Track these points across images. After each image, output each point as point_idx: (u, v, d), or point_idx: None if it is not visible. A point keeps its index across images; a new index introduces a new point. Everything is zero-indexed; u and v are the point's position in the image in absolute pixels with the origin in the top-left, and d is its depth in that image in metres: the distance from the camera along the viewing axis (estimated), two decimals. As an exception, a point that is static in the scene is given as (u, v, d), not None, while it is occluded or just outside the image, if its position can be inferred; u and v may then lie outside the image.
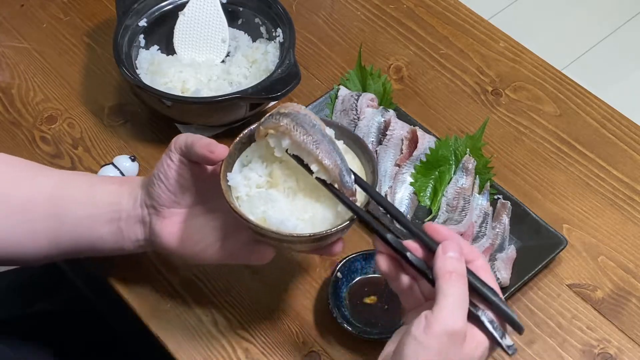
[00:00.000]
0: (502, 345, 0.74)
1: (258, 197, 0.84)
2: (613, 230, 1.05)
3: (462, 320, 0.72)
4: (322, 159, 0.80)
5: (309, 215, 0.84)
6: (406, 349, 0.72)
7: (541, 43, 1.70)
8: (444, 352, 0.71)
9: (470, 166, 1.06)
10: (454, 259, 0.74)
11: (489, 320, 0.74)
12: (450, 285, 0.72)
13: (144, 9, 1.17)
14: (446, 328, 0.71)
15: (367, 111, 1.11)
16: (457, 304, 0.72)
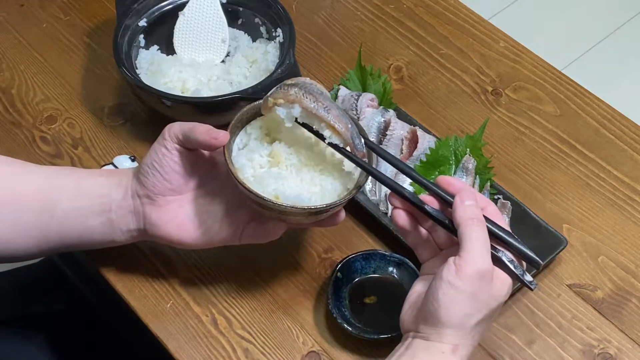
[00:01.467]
0: (524, 280, 0.80)
1: (267, 176, 0.87)
2: (613, 230, 1.05)
3: (489, 261, 0.78)
4: (334, 123, 0.83)
5: (318, 188, 0.87)
6: (440, 293, 0.77)
7: (541, 43, 1.70)
8: (476, 292, 0.77)
9: (471, 166, 1.06)
10: (472, 206, 0.79)
11: (509, 260, 0.79)
12: (473, 230, 0.78)
13: (144, 9, 1.17)
14: (477, 269, 0.76)
15: (367, 111, 1.11)
16: (483, 246, 0.78)
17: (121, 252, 1.02)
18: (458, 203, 0.80)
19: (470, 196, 0.80)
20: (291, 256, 1.02)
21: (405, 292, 0.97)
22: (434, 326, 0.79)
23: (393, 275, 0.98)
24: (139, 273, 1.00)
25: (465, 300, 0.77)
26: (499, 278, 0.79)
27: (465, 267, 0.76)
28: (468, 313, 0.78)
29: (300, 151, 0.88)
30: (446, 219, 0.82)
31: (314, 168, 0.89)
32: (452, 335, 0.78)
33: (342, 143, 0.85)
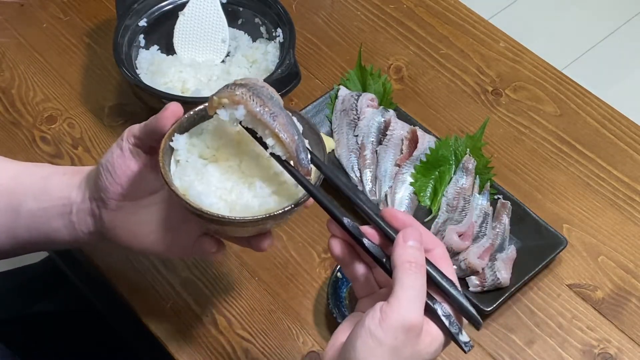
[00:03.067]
0: (459, 341, 0.70)
1: (193, 165, 0.79)
2: (613, 230, 1.05)
3: (419, 314, 0.68)
4: (278, 131, 0.74)
5: (232, 198, 0.78)
6: (359, 343, 0.68)
7: (541, 43, 1.70)
8: (399, 346, 0.67)
9: (471, 166, 1.06)
10: (414, 248, 0.70)
11: (445, 315, 0.70)
12: (408, 276, 0.68)
13: (144, 9, 1.17)
14: (403, 321, 0.67)
15: (367, 111, 1.11)
16: (415, 296, 0.68)
17: (121, 252, 1.02)
18: (399, 242, 0.70)
19: (414, 235, 0.70)
20: (291, 256, 1.02)
21: (405, 292, 0.97)
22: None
23: (393, 275, 0.98)
24: (139, 273, 1.00)
25: (385, 354, 0.67)
26: (430, 334, 0.70)
27: (390, 317, 0.67)
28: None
29: (245, 158, 0.80)
30: (384, 257, 0.72)
31: (244, 179, 0.80)
32: None
33: (286, 155, 0.76)
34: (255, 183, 0.79)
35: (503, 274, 0.97)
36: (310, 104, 1.14)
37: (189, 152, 0.80)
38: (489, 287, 0.97)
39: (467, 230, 1.00)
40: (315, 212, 1.06)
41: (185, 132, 0.82)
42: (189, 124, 0.82)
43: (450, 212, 1.04)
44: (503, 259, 0.99)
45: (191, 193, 0.78)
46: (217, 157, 0.81)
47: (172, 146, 0.80)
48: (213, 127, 0.82)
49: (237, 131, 0.81)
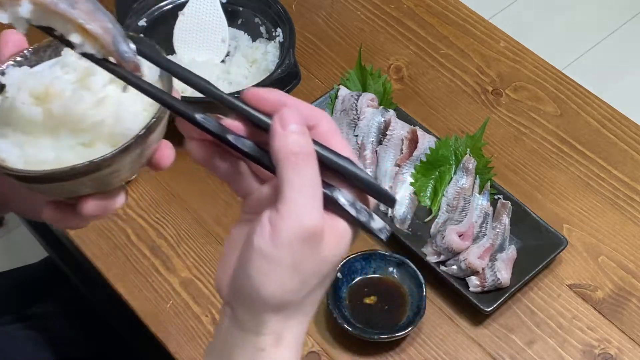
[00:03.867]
0: (371, 229, 0.56)
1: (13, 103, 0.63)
2: (613, 231, 1.05)
3: (318, 214, 0.54)
4: (83, 22, 0.57)
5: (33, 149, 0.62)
6: (252, 268, 0.55)
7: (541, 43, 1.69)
8: (300, 261, 0.54)
9: (471, 166, 1.06)
10: (296, 134, 0.54)
11: (349, 202, 0.56)
12: (296, 172, 0.54)
13: (144, 9, 1.16)
14: (299, 230, 0.53)
15: (367, 111, 1.11)
16: (309, 194, 0.54)
17: (122, 252, 1.02)
18: (277, 130, 0.54)
19: (293, 118, 0.55)
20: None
21: (405, 292, 0.97)
22: (249, 311, 0.57)
23: (393, 275, 0.98)
24: (139, 273, 1.00)
25: (287, 275, 0.55)
26: (335, 232, 0.55)
27: (283, 229, 0.53)
28: (291, 289, 0.56)
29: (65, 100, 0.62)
30: (260, 152, 0.57)
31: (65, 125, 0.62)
32: (273, 322, 0.57)
33: (101, 52, 0.58)
34: (65, 131, 0.62)
35: (503, 274, 0.97)
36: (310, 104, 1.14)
37: (18, 89, 0.64)
38: (489, 287, 0.97)
39: (467, 231, 1.00)
40: (315, 212, 1.06)
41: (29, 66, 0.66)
42: (37, 58, 0.66)
43: (451, 212, 1.03)
44: (503, 259, 0.99)
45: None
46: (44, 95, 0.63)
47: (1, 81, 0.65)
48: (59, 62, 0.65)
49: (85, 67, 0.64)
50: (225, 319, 0.59)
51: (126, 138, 0.59)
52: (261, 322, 0.57)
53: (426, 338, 0.96)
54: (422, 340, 0.96)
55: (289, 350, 0.58)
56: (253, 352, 0.57)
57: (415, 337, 0.96)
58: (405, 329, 0.93)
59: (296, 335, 0.58)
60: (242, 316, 0.57)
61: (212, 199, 1.07)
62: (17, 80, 0.64)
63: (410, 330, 0.93)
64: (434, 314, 0.98)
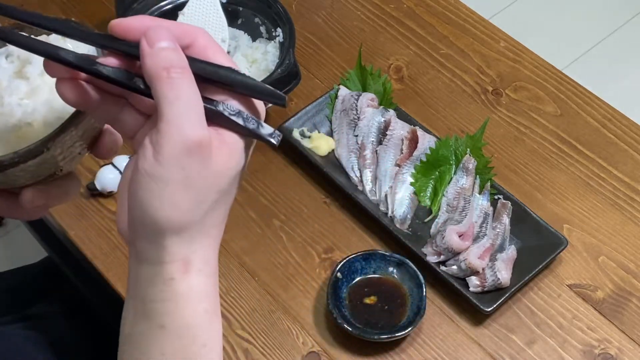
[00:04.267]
0: (262, 135, 0.55)
1: None
2: (614, 231, 1.05)
3: (201, 127, 0.52)
4: None
5: None
6: (140, 192, 0.52)
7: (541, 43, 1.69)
8: (190, 176, 0.52)
9: (471, 166, 1.06)
10: (167, 50, 0.53)
11: (234, 113, 0.54)
12: (170, 86, 0.52)
13: (144, 8, 1.16)
14: (183, 144, 0.51)
15: (367, 111, 1.11)
16: (187, 107, 0.52)
17: (122, 252, 1.02)
18: (144, 50, 0.52)
19: (161, 35, 0.53)
20: (291, 256, 1.02)
21: (405, 292, 0.97)
22: (149, 240, 0.54)
23: (393, 275, 0.98)
24: (139, 273, 1.00)
25: (178, 193, 0.52)
26: (224, 145, 0.54)
27: (165, 146, 0.51)
28: (187, 209, 0.53)
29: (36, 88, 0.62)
30: (135, 79, 0.54)
31: None
32: (175, 246, 0.54)
33: None
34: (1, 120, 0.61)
35: (503, 274, 0.97)
36: (310, 104, 1.14)
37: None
38: (489, 287, 0.97)
39: (468, 231, 1.00)
40: (315, 212, 1.06)
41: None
42: None
43: (451, 212, 1.03)
44: (503, 259, 0.99)
45: None
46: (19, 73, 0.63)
47: None
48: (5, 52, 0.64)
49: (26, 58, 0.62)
50: (131, 259, 0.56)
51: None
52: (163, 249, 0.54)
53: (426, 338, 0.96)
54: (422, 340, 0.96)
55: (201, 276, 0.55)
56: (163, 284, 0.55)
57: (415, 337, 0.96)
58: (405, 329, 0.93)
59: (205, 259, 0.56)
60: (144, 248, 0.55)
61: (212, 199, 1.07)
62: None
63: (410, 330, 0.93)
64: (434, 314, 0.98)
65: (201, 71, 0.54)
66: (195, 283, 0.55)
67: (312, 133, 1.11)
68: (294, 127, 1.11)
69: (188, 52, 0.54)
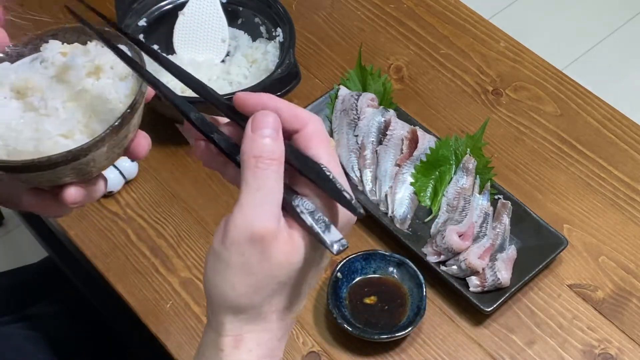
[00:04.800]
0: (322, 240, 0.55)
1: None
2: (614, 231, 1.05)
3: (270, 217, 0.54)
4: None
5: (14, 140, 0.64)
6: (208, 267, 0.57)
7: (541, 43, 1.69)
8: (248, 262, 0.55)
9: (471, 166, 1.06)
10: (263, 138, 0.55)
11: (308, 211, 0.55)
12: (254, 174, 0.54)
13: (144, 8, 1.16)
14: (246, 232, 0.54)
15: (367, 111, 1.11)
16: (263, 197, 0.54)
17: (121, 252, 1.02)
18: (247, 133, 0.56)
19: (265, 122, 0.55)
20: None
21: (405, 292, 0.97)
22: (211, 310, 0.59)
23: (393, 275, 0.98)
24: (139, 273, 1.00)
25: (237, 276, 0.55)
26: (289, 239, 0.55)
27: (232, 231, 0.54)
28: (244, 292, 0.56)
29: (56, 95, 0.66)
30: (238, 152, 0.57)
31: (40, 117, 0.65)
32: (229, 323, 0.58)
33: None
34: (44, 123, 0.65)
35: (503, 274, 0.97)
36: (310, 104, 1.14)
37: (1, 85, 0.67)
38: (489, 287, 0.97)
39: (468, 231, 1.00)
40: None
41: (10, 62, 0.70)
42: (17, 54, 0.70)
43: (451, 212, 1.03)
44: (503, 259, 0.99)
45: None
46: (23, 88, 0.67)
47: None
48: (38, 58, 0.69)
49: (63, 62, 0.68)
50: None
51: (102, 128, 0.62)
52: (220, 323, 0.58)
53: (426, 338, 0.96)
54: (422, 340, 0.96)
55: (250, 355, 0.59)
56: (215, 351, 0.59)
57: (415, 337, 0.96)
58: (405, 329, 0.93)
59: (258, 341, 0.59)
60: (209, 315, 0.60)
61: (213, 199, 1.07)
62: (3, 72, 0.67)
63: (410, 330, 0.93)
64: (434, 314, 0.98)
65: (294, 162, 0.56)
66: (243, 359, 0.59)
67: (312, 133, 1.11)
68: (294, 127, 1.11)
69: (296, 137, 0.57)
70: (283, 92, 1.06)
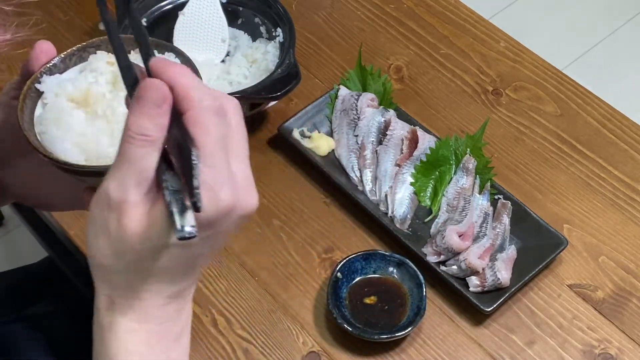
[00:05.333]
0: (174, 221, 0.54)
1: (58, 109, 0.73)
2: (614, 231, 1.05)
3: (127, 190, 0.56)
4: None
5: (91, 146, 0.71)
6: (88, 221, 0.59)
7: (541, 43, 1.69)
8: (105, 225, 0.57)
9: (471, 166, 1.06)
10: (141, 114, 0.56)
11: (173, 189, 0.55)
12: (125, 147, 0.56)
13: (144, 8, 1.16)
14: (104, 197, 0.56)
15: (367, 111, 1.11)
16: (126, 170, 0.56)
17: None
18: (132, 103, 0.57)
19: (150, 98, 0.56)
20: (291, 256, 1.02)
21: (405, 292, 0.97)
22: (91, 269, 0.61)
23: (393, 275, 0.98)
24: (139, 273, 1.00)
25: (99, 235, 0.58)
26: (149, 213, 0.56)
27: (98, 194, 0.57)
28: (105, 254, 0.58)
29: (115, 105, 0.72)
30: None
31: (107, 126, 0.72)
32: (102, 282, 0.60)
33: None
34: (117, 129, 0.70)
35: (503, 274, 0.97)
36: (310, 104, 1.14)
37: (56, 96, 0.74)
38: (489, 287, 0.97)
39: (468, 231, 1.00)
40: (315, 212, 1.06)
41: (59, 73, 0.76)
42: (64, 65, 0.77)
43: (451, 212, 1.03)
44: (503, 259, 0.99)
45: (47, 137, 0.72)
46: (84, 99, 0.74)
47: (38, 88, 0.74)
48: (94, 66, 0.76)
49: (113, 72, 0.75)
50: None
51: None
52: (95, 281, 0.60)
53: (426, 338, 0.96)
54: (422, 340, 0.96)
55: (124, 318, 0.59)
56: (95, 311, 0.61)
57: (415, 337, 0.96)
58: (405, 329, 0.93)
59: (132, 307, 0.59)
60: None
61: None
62: (53, 87, 0.74)
63: (410, 330, 0.93)
64: (434, 314, 0.98)
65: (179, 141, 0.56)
66: (122, 326, 0.60)
67: (312, 133, 1.11)
68: (294, 127, 1.11)
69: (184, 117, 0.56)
70: (283, 92, 1.06)
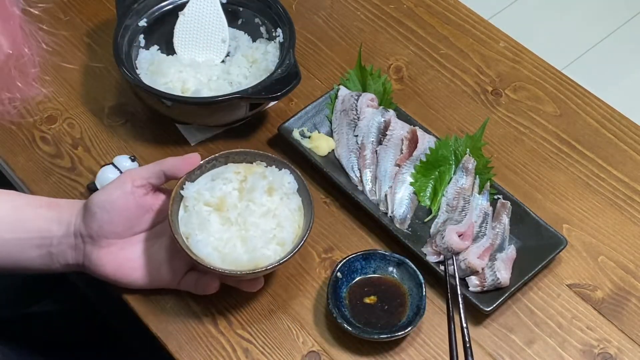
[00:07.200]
0: None
1: (198, 213, 0.90)
2: (613, 230, 1.05)
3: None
4: None
5: (226, 250, 0.89)
6: None
7: (541, 43, 1.70)
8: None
9: (470, 166, 1.06)
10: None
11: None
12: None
13: (144, 9, 1.17)
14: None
15: (367, 111, 1.11)
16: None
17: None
18: None
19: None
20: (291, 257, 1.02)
21: (405, 292, 0.97)
22: None
23: (393, 275, 0.98)
24: (139, 273, 1.00)
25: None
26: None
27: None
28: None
29: (245, 210, 0.91)
30: None
31: (239, 232, 0.90)
32: None
33: None
34: (248, 237, 0.89)
35: (503, 274, 0.97)
36: (310, 104, 1.14)
37: (195, 200, 0.91)
38: (488, 287, 0.97)
39: (467, 230, 1.00)
40: (316, 212, 1.06)
41: (195, 180, 0.93)
42: (200, 172, 0.94)
43: (450, 212, 1.04)
44: (503, 259, 0.99)
45: (192, 241, 0.89)
46: (219, 205, 0.91)
47: (182, 194, 0.91)
48: (225, 175, 0.93)
49: (240, 180, 0.93)
50: None
51: (289, 242, 0.91)
52: None
53: (426, 338, 0.96)
54: (422, 340, 0.96)
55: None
56: None
57: (415, 337, 0.96)
58: (405, 329, 0.93)
59: None
60: None
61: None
62: (193, 193, 0.91)
63: (410, 330, 0.93)
64: (434, 313, 0.98)
65: None
66: None
67: (312, 133, 1.11)
68: (294, 127, 1.11)
69: None
70: (283, 92, 1.06)
